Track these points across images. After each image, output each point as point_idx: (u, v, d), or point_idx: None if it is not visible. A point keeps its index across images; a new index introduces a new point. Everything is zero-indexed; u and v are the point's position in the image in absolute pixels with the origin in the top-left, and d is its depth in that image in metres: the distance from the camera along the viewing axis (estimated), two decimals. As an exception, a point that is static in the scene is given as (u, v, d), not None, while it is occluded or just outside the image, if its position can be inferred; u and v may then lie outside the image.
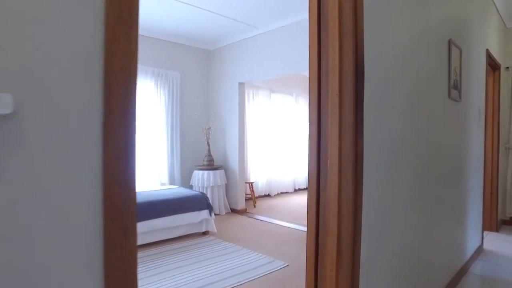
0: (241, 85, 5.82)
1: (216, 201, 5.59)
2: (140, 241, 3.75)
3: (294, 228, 4.72)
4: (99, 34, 0.76)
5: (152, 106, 5.46)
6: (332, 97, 1.39)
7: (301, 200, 7.00)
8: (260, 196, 7.25)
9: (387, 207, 1.62)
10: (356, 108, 1.35)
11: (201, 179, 5.54)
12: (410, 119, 1.65)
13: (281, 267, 3.26)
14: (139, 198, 3.95)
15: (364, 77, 1.37)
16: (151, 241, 3.84)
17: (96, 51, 0.76)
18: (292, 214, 5.61)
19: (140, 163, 5.29)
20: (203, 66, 6.24)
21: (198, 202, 4.30)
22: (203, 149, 5.94)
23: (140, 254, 3.57)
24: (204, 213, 4.29)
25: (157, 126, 5.51)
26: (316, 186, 1.44)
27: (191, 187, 5.75)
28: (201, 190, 5.51)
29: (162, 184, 5.54)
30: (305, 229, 1.54)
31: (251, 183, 6.36)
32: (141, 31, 4.58)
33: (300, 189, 8.29)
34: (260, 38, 5.31)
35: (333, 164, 1.37)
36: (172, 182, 5.66)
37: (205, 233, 4.36)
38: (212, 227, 4.38)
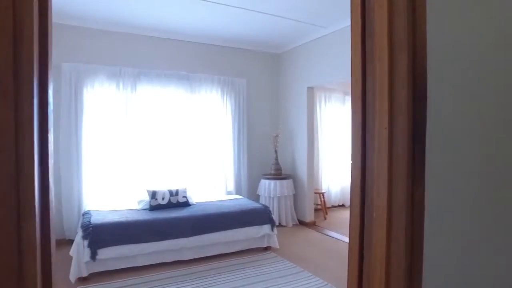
0: (310, 89, 5.46)
1: (283, 212, 5.36)
2: (199, 254, 3.72)
3: (366, 250, 4.20)
4: None
5: (218, 114, 5.47)
6: (379, 131, 1.03)
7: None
8: (333, 207, 6.77)
9: None
10: (413, 147, 0.98)
11: (268, 189, 5.36)
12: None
13: (344, 300, 2.88)
14: (200, 210, 3.94)
15: (426, 103, 0.98)
16: (210, 254, 3.79)
17: None
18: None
19: (206, 171, 5.34)
20: (270, 71, 6.05)
21: (260, 216, 4.12)
22: (271, 157, 5.75)
23: (198, 268, 3.53)
24: (266, 227, 4.09)
25: (224, 134, 5.50)
26: (359, 249, 1.09)
27: (257, 196, 5.62)
28: (267, 200, 5.34)
29: (229, 192, 5.52)
30: None
31: (322, 193, 5.96)
32: (205, 39, 4.58)
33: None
34: (330, 38, 4.89)
35: (380, 221, 1.02)
36: (238, 191, 5.61)
37: (267, 249, 4.16)
38: (274, 242, 4.15)
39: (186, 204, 4.20)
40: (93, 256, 3.15)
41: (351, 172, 1.14)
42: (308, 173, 5.46)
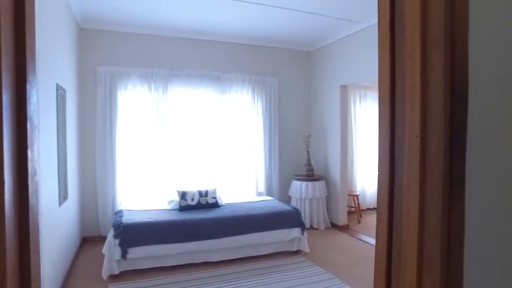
0: (343, 88, 5.24)
1: (315, 215, 5.20)
2: (227, 256, 3.69)
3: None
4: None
5: (249, 114, 5.41)
6: (410, 140, 0.90)
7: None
8: (368, 209, 6.49)
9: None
10: (451, 159, 0.83)
11: (300, 190, 5.23)
12: None
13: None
14: (229, 211, 3.90)
15: (467, 109, 0.83)
16: (238, 257, 3.75)
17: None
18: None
19: (237, 172, 5.31)
20: (302, 69, 5.89)
21: (290, 219, 4.01)
22: (302, 158, 5.60)
23: (226, 270, 3.50)
24: (296, 231, 3.97)
25: (255, 134, 5.44)
26: (386, 277, 0.96)
27: (289, 198, 5.50)
28: (299, 202, 5.21)
29: (260, 194, 5.45)
30: None
31: (356, 195, 5.71)
32: (236, 39, 4.53)
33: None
34: (364, 34, 4.65)
35: (409, 245, 0.89)
36: (269, 192, 5.52)
37: (296, 252, 4.04)
38: (304, 246, 4.02)
39: (216, 205, 4.19)
40: (124, 255, 3.21)
41: (377, 186, 1.01)
42: (341, 174, 5.25)
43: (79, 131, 4.37)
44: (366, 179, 6.45)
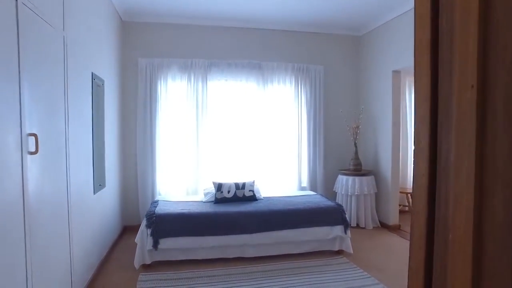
0: (396, 74, 4.73)
1: (362, 213, 4.78)
2: (262, 253, 3.48)
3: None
4: None
5: (292, 104, 5.13)
6: (460, 94, 0.59)
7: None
8: (424, 209, 5.84)
9: None
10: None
11: (346, 186, 4.84)
12: None
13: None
14: (266, 205, 3.70)
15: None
16: (274, 254, 3.52)
17: None
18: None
19: (278, 165, 5.07)
20: (349, 55, 5.45)
21: (332, 215, 3.68)
22: (350, 151, 5.19)
23: (260, 267, 3.29)
24: (338, 229, 3.63)
25: (298, 125, 5.14)
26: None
27: (334, 194, 5.13)
28: (345, 198, 4.84)
29: (302, 188, 5.16)
30: None
31: (410, 193, 5.15)
32: (277, 25, 4.28)
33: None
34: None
35: (459, 250, 0.59)
36: (313, 187, 5.20)
37: (338, 253, 3.70)
38: (347, 246, 3.67)
39: (253, 198, 4.00)
40: (155, 245, 3.16)
41: (414, 166, 0.72)
42: (392, 169, 4.75)
43: (120, 121, 4.45)
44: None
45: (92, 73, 3.05)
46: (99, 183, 3.29)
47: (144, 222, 3.27)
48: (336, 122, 5.34)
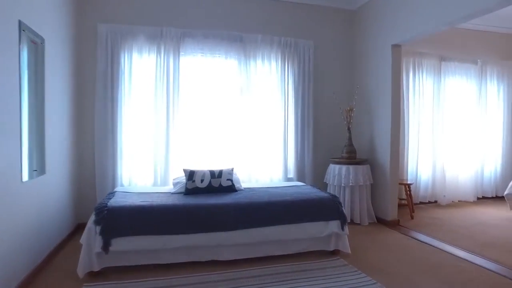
0: (396, 48, 4.17)
1: (357, 207, 4.22)
2: (241, 254, 2.85)
3: (483, 267, 2.88)
4: None
5: (277, 83, 4.50)
6: None
7: (489, 215, 4.76)
8: (421, 203, 5.37)
9: None
10: None
11: (338, 176, 4.26)
12: None
13: None
14: (247, 197, 3.06)
15: None
16: (257, 256, 2.89)
17: None
18: (476, 239, 3.66)
19: (260, 153, 4.44)
20: (343, 31, 4.87)
21: (327, 209, 3.08)
22: (342, 137, 4.63)
23: (239, 273, 2.65)
24: (334, 224, 3.04)
25: (284, 108, 4.51)
26: None
27: (325, 185, 4.55)
28: (337, 190, 4.26)
29: (289, 179, 4.55)
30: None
31: (408, 184, 4.63)
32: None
33: (484, 198, 5.85)
34: (428, -28, 3.56)
35: None
36: (301, 177, 4.60)
37: (334, 253, 3.11)
38: (344, 245, 3.08)
39: (231, 189, 3.36)
40: (106, 246, 2.47)
41: None
42: (391, 158, 4.21)
43: (73, 97, 3.71)
44: (421, 165, 5.31)
45: (19, 21, 2.33)
46: (33, 169, 2.57)
47: (92, 218, 2.57)
48: (327, 104, 4.75)
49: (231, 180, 3.40)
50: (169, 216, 2.67)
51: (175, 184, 3.44)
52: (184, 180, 3.35)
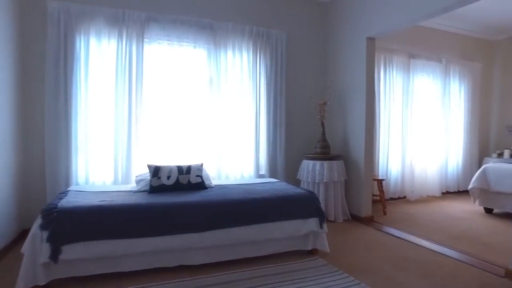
0: (371, 41, 4.10)
1: (331, 204, 4.10)
2: (213, 258, 2.58)
3: (456, 259, 2.84)
4: None
5: (249, 76, 4.27)
6: None
7: (455, 209, 4.85)
8: (391, 199, 5.38)
9: None
10: None
11: (312, 172, 4.11)
12: None
13: None
14: (219, 195, 2.80)
15: None
16: (231, 259, 2.64)
17: None
18: (449, 232, 3.66)
19: (230, 149, 4.19)
20: (317, 23, 4.75)
21: (304, 206, 2.90)
22: (316, 132, 4.50)
23: (212, 279, 2.39)
24: (312, 222, 2.86)
25: (256, 101, 4.29)
26: None
27: (298, 182, 4.40)
28: (311, 187, 4.12)
29: (261, 176, 4.35)
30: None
31: (381, 180, 4.59)
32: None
33: (448, 193, 6.01)
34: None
35: None
36: (273, 174, 4.41)
37: (312, 253, 2.94)
38: (323, 244, 2.92)
39: (201, 186, 3.08)
40: (55, 255, 2.11)
41: None
42: (366, 154, 4.13)
43: (17, 83, 3.24)
44: (391, 161, 5.32)
45: None
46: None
47: (37, 222, 2.19)
48: (300, 98, 4.61)
49: (201, 177, 3.12)
50: (131, 217, 2.35)
51: (138, 182, 3.10)
52: (149, 177, 3.03)
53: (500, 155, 6.14)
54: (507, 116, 6.24)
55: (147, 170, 3.16)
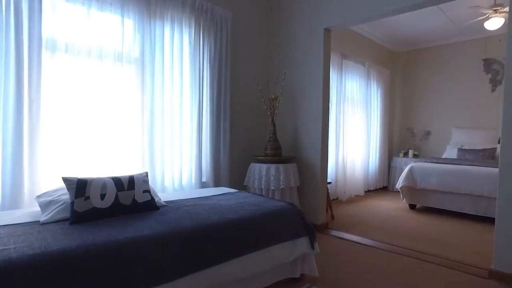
0: (328, 32, 3.75)
1: (287, 212, 3.56)
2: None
3: (435, 263, 2.67)
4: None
5: (188, 60, 3.41)
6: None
7: (387, 207, 4.96)
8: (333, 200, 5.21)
9: None
10: None
11: (266, 178, 3.52)
12: None
13: None
14: (181, 218, 1.95)
15: None
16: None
17: None
18: (398, 233, 3.58)
19: (163, 152, 3.27)
20: (267, 3, 4.18)
21: (291, 223, 2.28)
22: (266, 131, 3.92)
23: None
24: (302, 242, 2.27)
25: (195, 92, 3.46)
26: None
27: (245, 189, 3.74)
28: (264, 194, 3.49)
29: (203, 185, 3.53)
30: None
31: (328, 183, 4.30)
32: None
33: (370, 191, 6.25)
34: None
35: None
36: (217, 181, 3.65)
37: (299, 280, 2.34)
38: (311, 267, 2.35)
39: (152, 206, 2.14)
40: None
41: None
42: (321, 156, 3.75)
43: None
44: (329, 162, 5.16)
45: None
46: None
47: None
48: (248, 91, 3.96)
49: (149, 192, 2.17)
50: (49, 277, 1.32)
51: (44, 205, 1.94)
52: (64, 197, 1.93)
53: (406, 154, 6.72)
54: (407, 119, 6.90)
55: (60, 185, 2.04)
